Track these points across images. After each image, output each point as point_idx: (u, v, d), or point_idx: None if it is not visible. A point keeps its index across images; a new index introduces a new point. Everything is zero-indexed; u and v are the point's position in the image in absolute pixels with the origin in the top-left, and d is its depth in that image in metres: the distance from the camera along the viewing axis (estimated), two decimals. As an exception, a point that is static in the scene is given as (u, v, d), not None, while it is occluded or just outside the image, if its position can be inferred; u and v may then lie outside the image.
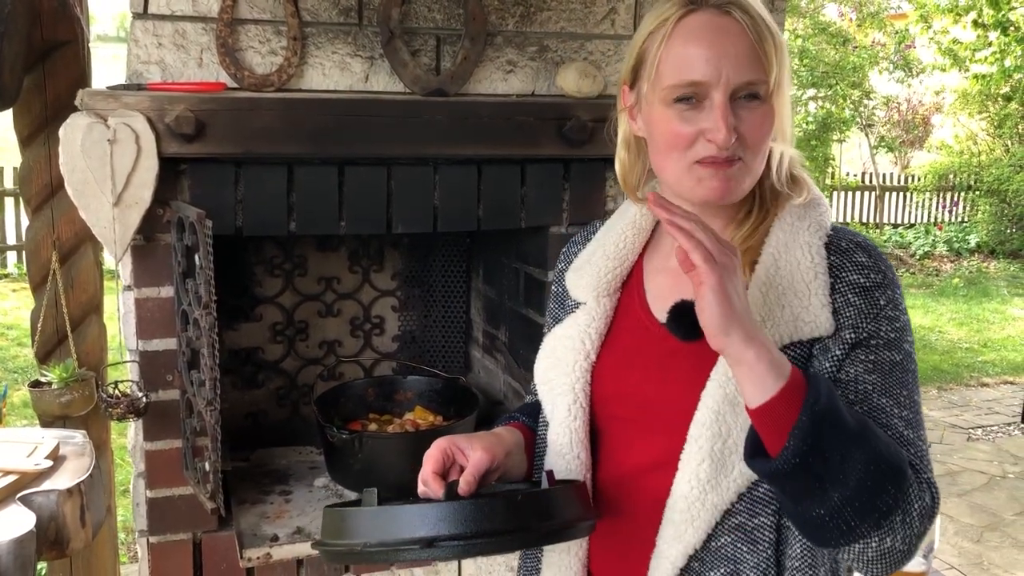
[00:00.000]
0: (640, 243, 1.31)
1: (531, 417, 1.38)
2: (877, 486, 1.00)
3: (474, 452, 1.18)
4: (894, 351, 1.11)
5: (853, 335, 1.11)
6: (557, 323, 1.34)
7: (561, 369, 1.27)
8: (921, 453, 1.09)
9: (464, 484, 1.13)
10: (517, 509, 1.03)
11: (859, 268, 1.13)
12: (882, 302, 1.12)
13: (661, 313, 1.20)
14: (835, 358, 1.10)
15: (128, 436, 2.15)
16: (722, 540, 1.12)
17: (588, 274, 1.30)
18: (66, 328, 2.36)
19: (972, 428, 5.62)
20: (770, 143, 1.16)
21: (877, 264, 1.14)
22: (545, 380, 1.31)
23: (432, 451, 1.19)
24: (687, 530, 1.11)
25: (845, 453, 0.99)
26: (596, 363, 1.26)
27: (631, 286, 1.29)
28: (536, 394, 1.34)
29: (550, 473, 1.15)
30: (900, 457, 1.04)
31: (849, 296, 1.12)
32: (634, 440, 1.22)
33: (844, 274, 1.13)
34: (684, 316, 1.15)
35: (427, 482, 1.17)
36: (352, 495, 2.28)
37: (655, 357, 1.21)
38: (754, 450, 1.04)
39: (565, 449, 1.25)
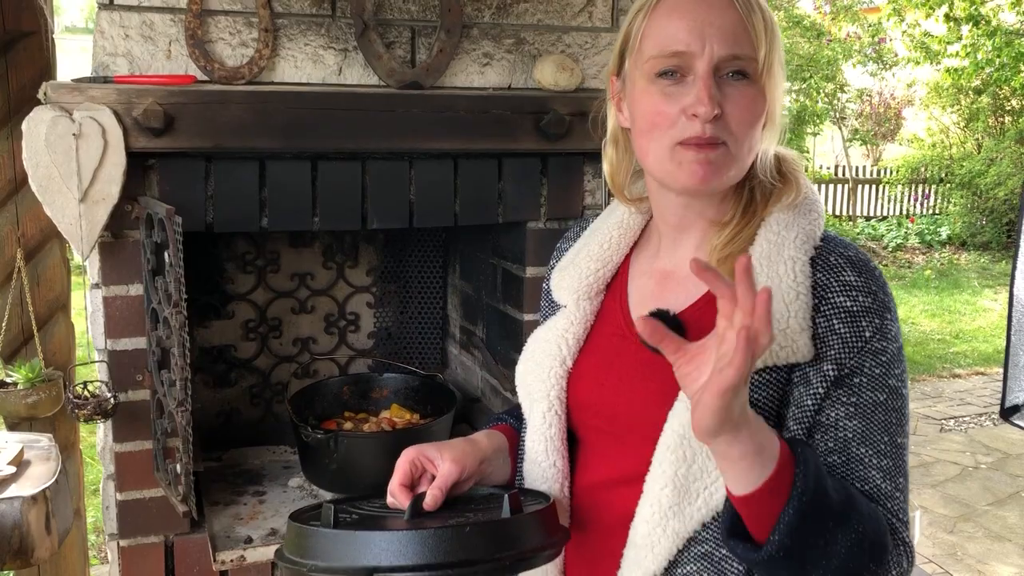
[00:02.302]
0: (627, 244, 1.26)
1: (518, 419, 1.34)
2: (859, 566, 0.98)
3: (443, 463, 1.16)
4: (878, 390, 1.05)
5: (835, 370, 1.04)
6: (543, 323, 1.31)
7: (537, 374, 1.24)
8: (898, 506, 1.05)
9: (430, 498, 1.11)
10: (464, 541, 0.99)
11: (846, 289, 1.05)
12: (868, 333, 1.04)
13: None
14: (817, 395, 1.04)
15: (97, 437, 2.10)
16: (687, 568, 1.06)
17: (570, 276, 1.26)
18: (32, 327, 2.31)
19: (945, 419, 5.68)
20: (759, 132, 1.09)
21: (867, 284, 1.06)
22: (523, 384, 1.28)
23: (400, 462, 1.17)
24: (647, 556, 1.07)
25: (829, 538, 0.95)
26: (573, 368, 1.23)
27: (615, 288, 1.25)
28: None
29: (513, 495, 1.08)
30: (882, 531, 1.00)
31: (834, 322, 1.04)
32: (607, 451, 1.18)
33: (830, 295, 1.05)
34: None
35: (394, 494, 1.15)
36: (327, 495, 2.24)
37: (630, 366, 1.16)
38: (733, 529, 0.98)
39: (540, 457, 1.22)
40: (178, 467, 1.89)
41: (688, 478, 1.04)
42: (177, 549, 2.05)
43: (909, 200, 12.53)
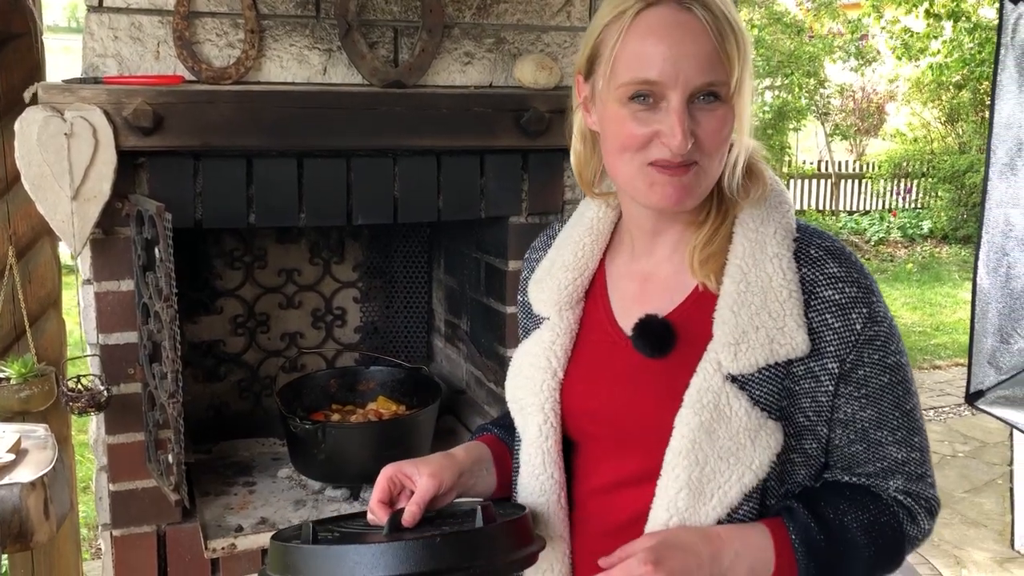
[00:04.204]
0: (599, 249, 1.26)
1: (507, 430, 1.34)
2: (882, 565, 1.15)
3: (421, 479, 1.17)
4: (881, 373, 1.12)
5: (838, 365, 1.09)
6: (526, 336, 1.31)
7: (529, 388, 1.24)
8: (914, 467, 1.15)
9: (408, 514, 1.13)
10: (435, 551, 1.02)
11: (833, 282, 1.10)
12: (859, 325, 1.09)
13: (627, 323, 1.18)
14: (828, 392, 1.10)
15: (89, 430, 2.15)
16: None
17: (548, 287, 1.26)
18: (24, 323, 2.35)
19: (925, 409, 5.76)
20: (727, 145, 1.10)
21: (850, 273, 1.10)
22: (515, 399, 1.28)
23: (379, 479, 1.19)
24: None
25: (849, 566, 1.10)
26: (564, 379, 1.23)
27: (595, 294, 1.25)
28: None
29: (486, 507, 1.11)
30: (891, 531, 1.14)
31: (826, 316, 1.09)
32: (609, 456, 1.20)
33: (818, 290, 1.09)
34: (649, 332, 1.13)
35: (374, 511, 1.17)
36: (316, 485, 2.30)
37: (623, 371, 1.17)
38: None
39: (538, 470, 1.23)
40: (170, 457, 1.94)
41: (702, 480, 1.07)
42: (169, 538, 2.10)
43: (891, 194, 12.64)
